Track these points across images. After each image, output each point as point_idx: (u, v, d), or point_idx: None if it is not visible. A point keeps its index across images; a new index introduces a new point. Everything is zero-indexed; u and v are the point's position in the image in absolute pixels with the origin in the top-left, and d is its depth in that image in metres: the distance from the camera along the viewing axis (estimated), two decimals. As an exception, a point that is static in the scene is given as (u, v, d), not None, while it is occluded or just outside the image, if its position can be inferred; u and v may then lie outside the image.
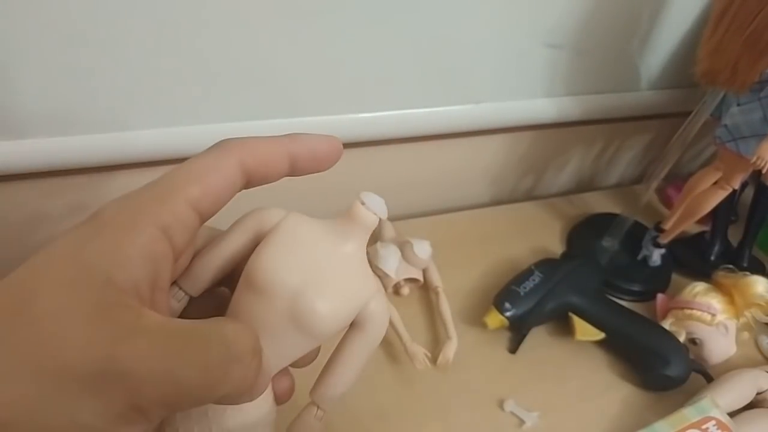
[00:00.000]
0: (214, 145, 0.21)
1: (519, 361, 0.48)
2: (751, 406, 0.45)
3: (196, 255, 0.22)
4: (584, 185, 0.77)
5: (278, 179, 0.22)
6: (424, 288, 0.52)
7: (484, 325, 0.48)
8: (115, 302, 0.16)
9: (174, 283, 0.22)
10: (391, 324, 0.46)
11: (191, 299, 0.22)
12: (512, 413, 0.44)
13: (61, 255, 0.17)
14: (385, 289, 0.49)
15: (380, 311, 0.22)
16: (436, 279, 0.51)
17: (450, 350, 0.46)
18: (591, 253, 0.59)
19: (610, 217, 0.60)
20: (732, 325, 0.50)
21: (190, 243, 0.20)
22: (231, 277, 0.22)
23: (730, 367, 0.47)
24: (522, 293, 0.49)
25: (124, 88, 0.43)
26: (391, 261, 0.49)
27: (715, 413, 0.41)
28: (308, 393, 0.24)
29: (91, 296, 0.16)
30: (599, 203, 0.68)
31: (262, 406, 0.22)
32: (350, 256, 0.22)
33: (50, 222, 0.49)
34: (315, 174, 0.23)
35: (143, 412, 0.16)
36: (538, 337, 0.50)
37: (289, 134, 0.22)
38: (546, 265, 0.52)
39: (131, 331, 0.16)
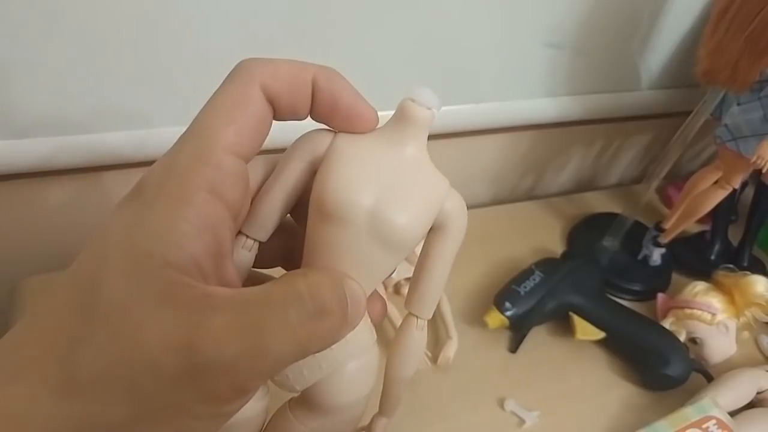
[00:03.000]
0: (233, 71, 0.19)
1: (519, 360, 0.48)
2: (751, 405, 0.45)
3: (254, 197, 0.21)
4: (584, 185, 0.77)
5: (305, 112, 0.20)
6: (425, 288, 0.52)
7: (484, 325, 0.48)
8: (178, 285, 0.16)
9: (240, 232, 0.21)
10: (392, 323, 0.46)
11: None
12: (512, 413, 0.44)
13: (115, 241, 0.16)
14: (386, 288, 0.49)
15: (458, 208, 0.22)
16: (436, 279, 0.51)
17: (450, 350, 0.46)
18: (591, 253, 0.59)
19: (611, 216, 0.60)
20: (732, 324, 0.50)
21: (245, 192, 0.19)
22: (294, 208, 0.22)
23: (730, 367, 0.47)
24: (522, 293, 0.49)
25: (125, 89, 0.43)
26: (392, 261, 0.49)
27: (716, 412, 0.41)
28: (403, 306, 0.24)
29: (153, 284, 0.16)
30: (599, 203, 0.68)
31: (363, 330, 0.22)
32: (414, 159, 0.20)
33: (50, 222, 0.49)
34: None
35: (241, 389, 0.16)
36: (538, 337, 0.50)
37: (325, 68, 0.20)
38: (546, 264, 0.52)
39: (203, 315, 0.15)
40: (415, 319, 0.23)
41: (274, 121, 0.20)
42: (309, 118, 0.21)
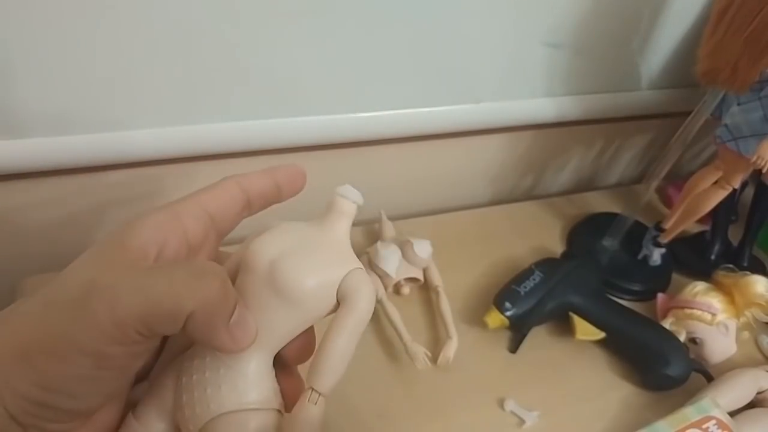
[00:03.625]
0: None
1: (519, 360, 0.48)
2: (751, 405, 0.45)
3: None
4: (584, 185, 0.77)
5: (272, 201, 0.26)
6: (425, 287, 0.52)
7: (484, 325, 0.48)
8: (119, 254, 0.21)
9: None
10: (392, 323, 0.46)
11: None
12: (512, 413, 0.44)
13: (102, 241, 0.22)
14: (386, 288, 0.49)
15: (362, 286, 0.23)
16: (436, 278, 0.51)
17: (450, 350, 0.46)
18: (591, 253, 0.59)
19: (611, 216, 0.60)
20: (732, 324, 0.50)
21: (204, 235, 0.24)
22: None
23: (730, 367, 0.47)
24: (522, 293, 0.49)
25: (124, 88, 0.43)
26: (392, 260, 0.49)
27: (716, 413, 0.41)
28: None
29: (103, 252, 0.21)
30: (599, 203, 0.68)
31: (262, 391, 0.22)
32: (333, 239, 0.24)
33: (50, 222, 0.49)
34: (315, 173, 0.25)
35: (124, 330, 0.19)
36: (538, 337, 0.50)
37: (271, 167, 0.27)
38: (546, 264, 0.52)
39: (118, 266, 0.20)
40: (310, 391, 0.22)
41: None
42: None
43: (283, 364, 0.24)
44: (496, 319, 0.48)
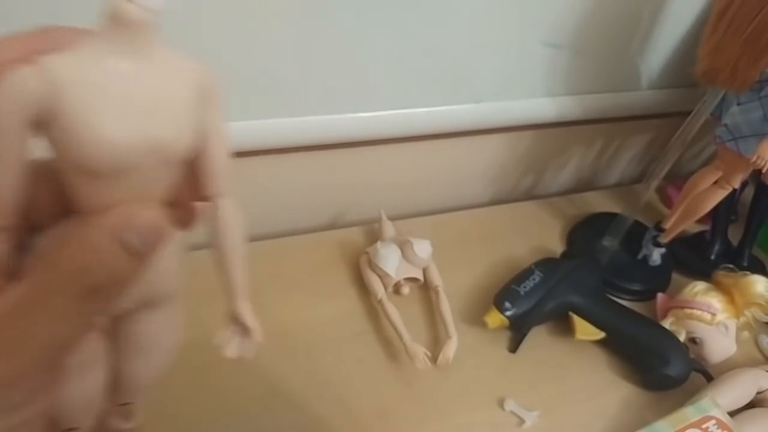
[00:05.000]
0: None
1: (519, 360, 0.48)
2: (751, 405, 0.45)
3: None
4: (584, 185, 0.77)
5: None
6: (424, 287, 0.52)
7: (484, 325, 0.48)
8: None
9: None
10: (392, 323, 0.46)
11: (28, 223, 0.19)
12: (512, 412, 0.44)
13: None
14: (386, 288, 0.49)
15: (211, 77, 0.21)
16: (436, 278, 0.51)
17: (450, 350, 0.46)
18: (591, 253, 0.59)
19: (611, 216, 0.60)
20: (732, 324, 0.50)
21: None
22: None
23: (730, 367, 0.47)
24: (522, 293, 0.49)
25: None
26: (392, 260, 0.49)
27: (716, 412, 0.41)
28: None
29: None
30: (599, 203, 0.68)
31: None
32: (154, 66, 0.18)
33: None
34: (315, 173, 0.22)
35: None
36: (538, 337, 0.50)
37: (39, 29, 0.20)
38: (546, 264, 0.52)
39: None
40: (222, 199, 0.22)
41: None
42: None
43: None
44: (496, 318, 0.48)
